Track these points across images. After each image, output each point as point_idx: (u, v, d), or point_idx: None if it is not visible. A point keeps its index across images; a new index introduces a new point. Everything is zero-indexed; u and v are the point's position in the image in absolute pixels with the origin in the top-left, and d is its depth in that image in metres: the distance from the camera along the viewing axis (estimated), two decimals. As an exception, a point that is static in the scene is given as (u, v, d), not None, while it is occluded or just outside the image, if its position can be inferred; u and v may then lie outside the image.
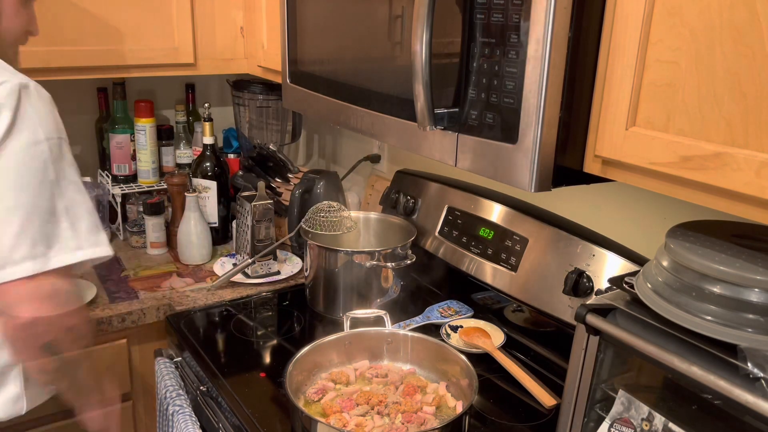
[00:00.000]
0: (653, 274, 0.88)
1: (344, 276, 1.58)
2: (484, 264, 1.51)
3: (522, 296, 1.42)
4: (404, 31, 1.05)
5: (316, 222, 1.63)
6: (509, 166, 0.89)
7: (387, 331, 1.37)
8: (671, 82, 0.75)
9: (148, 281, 1.76)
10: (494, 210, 1.53)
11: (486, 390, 1.34)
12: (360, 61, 1.19)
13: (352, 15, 1.18)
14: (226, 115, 2.36)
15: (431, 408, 1.21)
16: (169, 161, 2.21)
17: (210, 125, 1.95)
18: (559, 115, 0.85)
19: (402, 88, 1.04)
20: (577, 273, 1.28)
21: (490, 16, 0.88)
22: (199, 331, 1.54)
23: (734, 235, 0.87)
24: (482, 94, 0.91)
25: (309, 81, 1.35)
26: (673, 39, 0.74)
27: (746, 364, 0.74)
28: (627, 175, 0.84)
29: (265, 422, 1.21)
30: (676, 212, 1.19)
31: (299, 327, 1.60)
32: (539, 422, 1.24)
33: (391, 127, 1.09)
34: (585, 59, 0.84)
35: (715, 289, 0.79)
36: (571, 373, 0.98)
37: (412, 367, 1.35)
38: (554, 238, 1.37)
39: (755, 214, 0.71)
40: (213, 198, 1.99)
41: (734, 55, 0.69)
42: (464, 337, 1.47)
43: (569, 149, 0.87)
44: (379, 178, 2.07)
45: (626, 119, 0.80)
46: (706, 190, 0.75)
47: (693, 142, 0.74)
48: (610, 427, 0.92)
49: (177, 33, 1.80)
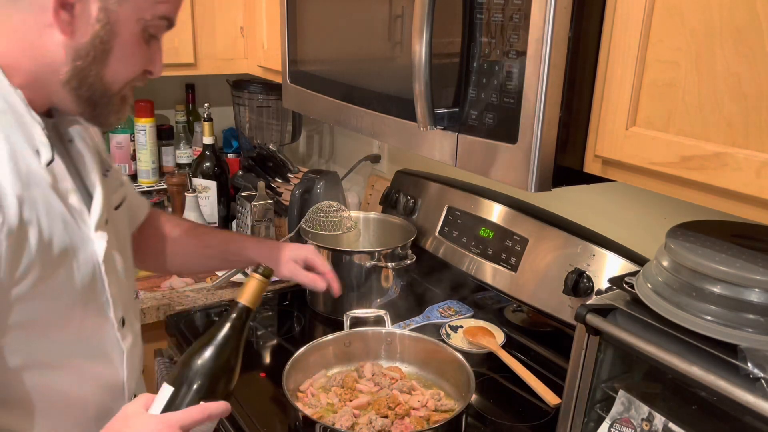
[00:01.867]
0: (653, 274, 0.88)
1: (344, 276, 1.57)
2: (484, 264, 1.51)
3: (522, 296, 1.42)
4: (404, 31, 1.05)
5: (316, 222, 1.63)
6: (509, 166, 0.89)
7: (386, 331, 1.37)
8: (671, 82, 0.75)
9: (148, 281, 1.76)
10: (494, 210, 1.52)
11: (488, 390, 1.34)
12: (360, 60, 1.19)
13: (353, 15, 1.18)
14: (226, 115, 2.36)
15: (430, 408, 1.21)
16: (168, 161, 2.21)
17: (210, 125, 1.95)
18: (559, 115, 0.85)
19: (402, 88, 1.04)
20: (577, 273, 1.28)
21: (490, 15, 0.88)
22: (199, 331, 1.54)
23: (734, 235, 0.87)
24: (482, 93, 0.91)
25: (309, 81, 1.34)
26: (673, 39, 0.74)
27: (746, 364, 0.74)
28: (627, 175, 0.84)
29: (265, 422, 1.21)
30: (676, 212, 1.19)
31: (299, 327, 1.60)
32: (539, 422, 1.24)
33: (391, 127, 1.09)
34: (585, 59, 0.84)
35: (716, 289, 0.79)
36: (571, 373, 0.98)
37: (411, 366, 1.35)
38: (554, 238, 1.37)
39: (755, 214, 0.71)
40: (213, 198, 1.99)
41: (734, 55, 0.69)
42: (468, 336, 1.46)
43: (569, 149, 0.87)
44: (379, 178, 2.07)
45: (626, 119, 0.80)
46: (706, 190, 0.75)
47: (693, 142, 0.74)
48: (610, 427, 0.92)
49: (177, 33, 1.80)
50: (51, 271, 0.82)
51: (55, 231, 0.82)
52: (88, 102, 0.85)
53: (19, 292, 0.79)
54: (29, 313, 0.82)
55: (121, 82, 0.86)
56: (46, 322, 0.84)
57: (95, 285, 0.89)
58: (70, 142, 0.92)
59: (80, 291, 0.87)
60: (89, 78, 0.83)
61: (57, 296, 0.84)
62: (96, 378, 0.94)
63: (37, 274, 0.80)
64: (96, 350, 0.92)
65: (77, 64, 0.81)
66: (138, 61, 0.86)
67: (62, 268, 0.84)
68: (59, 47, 0.80)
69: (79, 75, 0.82)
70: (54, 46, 0.80)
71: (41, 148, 0.82)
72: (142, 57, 0.86)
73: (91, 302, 0.89)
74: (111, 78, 0.84)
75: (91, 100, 0.85)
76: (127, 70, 0.85)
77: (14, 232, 0.77)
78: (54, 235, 0.82)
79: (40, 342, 0.85)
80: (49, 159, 0.83)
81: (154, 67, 0.89)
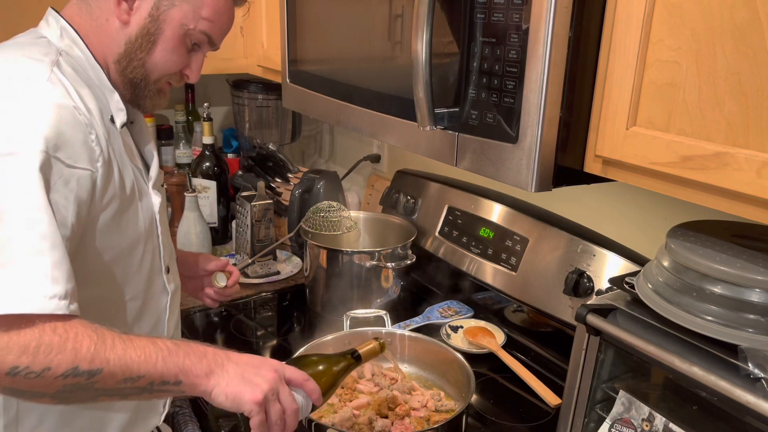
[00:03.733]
0: (654, 274, 0.88)
1: (344, 276, 1.57)
2: (484, 264, 1.51)
3: (522, 296, 1.42)
4: (404, 30, 1.05)
5: (316, 222, 1.63)
6: (509, 165, 0.88)
7: (386, 331, 1.36)
8: (672, 81, 0.75)
9: (148, 281, 1.76)
10: (494, 210, 1.52)
11: (488, 390, 1.34)
12: (360, 60, 1.19)
13: (352, 14, 1.18)
14: (226, 115, 2.36)
15: (431, 408, 1.21)
16: (168, 161, 2.21)
17: (210, 125, 1.95)
18: (559, 114, 0.84)
19: (402, 87, 1.04)
20: (578, 273, 1.28)
21: (490, 15, 0.88)
22: (199, 332, 1.54)
23: (735, 235, 0.87)
24: (482, 93, 0.91)
25: (309, 81, 1.34)
26: (673, 38, 0.74)
27: (747, 365, 0.74)
28: (627, 175, 0.84)
29: (264, 422, 1.21)
30: (677, 212, 1.18)
31: (299, 327, 1.59)
32: (540, 422, 1.24)
33: (391, 127, 1.09)
34: (585, 59, 0.84)
35: (716, 289, 0.79)
36: (572, 374, 0.98)
37: (411, 367, 1.35)
38: (554, 238, 1.37)
39: (756, 214, 0.71)
40: (213, 198, 1.99)
41: (735, 54, 0.69)
42: (469, 336, 1.46)
43: (570, 149, 0.87)
44: (379, 178, 2.06)
45: (627, 119, 0.80)
46: (706, 190, 0.75)
47: (694, 142, 0.73)
48: (610, 427, 0.92)
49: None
50: (126, 207, 0.97)
51: (127, 177, 0.97)
52: (131, 82, 1.00)
53: (103, 219, 0.93)
54: (106, 241, 0.95)
55: (159, 72, 1.01)
56: (117, 251, 0.97)
57: (152, 230, 1.04)
58: (131, 123, 1.06)
59: (143, 231, 1.01)
60: (134, 61, 0.99)
61: (127, 230, 0.98)
62: (146, 311, 1.06)
63: (116, 206, 0.94)
64: (151, 287, 1.06)
65: (128, 47, 0.98)
66: (177, 60, 1.01)
67: (132, 208, 0.99)
68: (118, 32, 0.98)
69: (128, 56, 0.99)
70: (114, 31, 0.98)
71: (118, 113, 0.98)
72: (181, 58, 1.02)
73: (149, 243, 1.03)
74: (151, 66, 1.00)
75: (133, 82, 1.00)
76: (166, 64, 1.01)
77: (106, 165, 0.91)
78: (126, 177, 0.97)
79: (110, 268, 0.97)
80: (124, 121, 0.99)
81: (190, 72, 1.06)
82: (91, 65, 0.98)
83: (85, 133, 0.89)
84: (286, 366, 0.94)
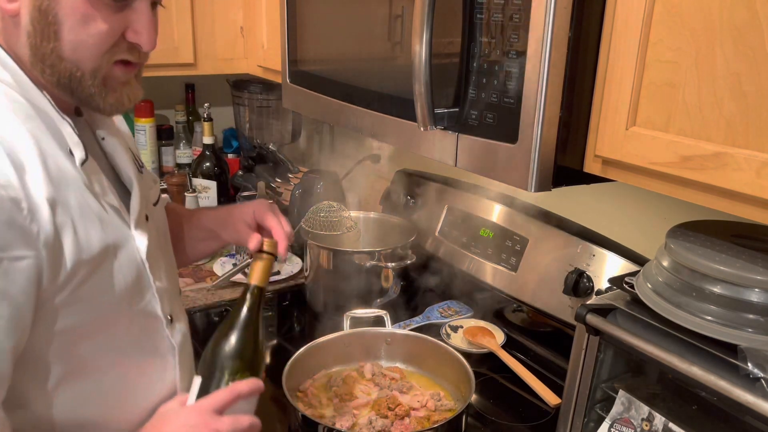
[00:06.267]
0: (653, 274, 0.88)
1: (344, 276, 1.57)
2: (484, 264, 1.51)
3: (522, 296, 1.42)
4: (404, 31, 1.05)
5: (316, 222, 1.63)
6: (509, 166, 0.89)
7: (386, 331, 1.37)
8: (671, 81, 0.75)
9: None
10: (494, 210, 1.52)
11: (488, 390, 1.34)
12: (360, 60, 1.19)
13: (353, 15, 1.18)
14: (226, 115, 2.36)
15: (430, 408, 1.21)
16: (168, 161, 2.22)
17: (210, 125, 1.95)
18: (559, 114, 0.84)
19: (402, 88, 1.04)
20: (577, 273, 1.28)
21: (490, 15, 0.88)
22: (199, 332, 1.54)
23: (734, 235, 0.87)
24: (482, 93, 0.91)
25: (309, 81, 1.34)
26: (673, 39, 0.74)
27: (746, 364, 0.74)
28: (627, 175, 0.84)
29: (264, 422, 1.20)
30: (677, 212, 1.18)
31: (299, 327, 1.59)
32: (540, 422, 1.24)
33: (391, 127, 1.09)
34: (585, 59, 0.84)
35: (716, 289, 0.79)
36: (571, 374, 0.98)
37: (411, 367, 1.35)
38: (554, 238, 1.37)
39: (755, 214, 0.71)
40: (213, 198, 1.99)
41: (734, 54, 0.69)
42: (469, 336, 1.46)
43: (569, 149, 0.87)
44: (379, 178, 2.06)
45: (626, 119, 0.80)
46: (706, 190, 0.75)
47: (693, 142, 0.73)
48: (610, 427, 0.92)
49: (177, 32, 1.80)
50: (91, 272, 0.78)
51: (91, 232, 0.78)
52: (64, 87, 0.77)
53: (62, 298, 0.76)
54: (74, 319, 0.78)
55: (88, 57, 0.75)
56: (91, 325, 0.80)
57: (141, 282, 0.86)
58: (102, 140, 0.88)
59: (124, 290, 0.83)
60: (47, 58, 0.74)
61: (100, 297, 0.80)
62: (148, 379, 0.90)
63: (79, 278, 0.77)
64: (147, 350, 0.89)
65: (30, 43, 0.74)
66: (100, 29, 0.74)
67: (103, 268, 0.80)
68: (16, 29, 0.74)
69: (37, 56, 0.74)
70: (12, 29, 0.74)
71: (74, 148, 0.78)
72: (105, 23, 0.74)
73: (138, 300, 0.86)
74: (71, 53, 0.74)
75: (64, 85, 0.77)
76: (88, 41, 0.74)
77: (51, 240, 0.73)
78: (91, 236, 0.78)
79: (86, 346, 0.81)
80: (82, 158, 0.78)
81: (137, 36, 0.76)
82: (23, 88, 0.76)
83: (11, 212, 0.69)
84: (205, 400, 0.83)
